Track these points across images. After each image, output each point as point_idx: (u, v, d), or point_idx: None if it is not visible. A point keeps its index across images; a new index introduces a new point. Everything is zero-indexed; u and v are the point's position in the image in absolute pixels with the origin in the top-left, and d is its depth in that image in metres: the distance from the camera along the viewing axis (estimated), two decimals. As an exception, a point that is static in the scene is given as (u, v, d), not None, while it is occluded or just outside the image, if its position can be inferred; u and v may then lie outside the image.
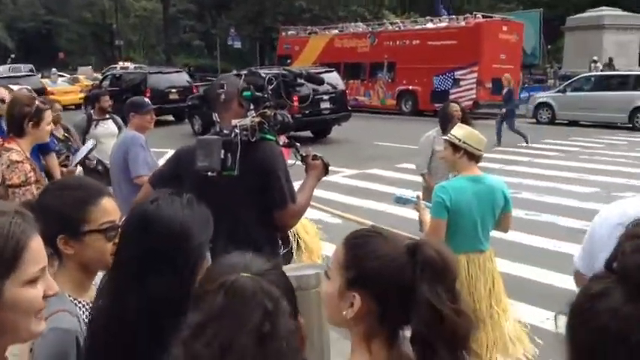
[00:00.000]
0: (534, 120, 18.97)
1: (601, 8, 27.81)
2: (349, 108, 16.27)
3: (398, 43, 22.44)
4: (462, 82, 20.44)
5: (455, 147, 3.28)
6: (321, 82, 3.11)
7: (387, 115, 22.07)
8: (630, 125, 16.66)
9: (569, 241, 6.50)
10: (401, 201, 3.64)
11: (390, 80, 22.75)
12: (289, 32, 27.39)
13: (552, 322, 0.87)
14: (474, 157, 3.31)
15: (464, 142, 3.26)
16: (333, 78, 15.01)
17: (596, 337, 0.76)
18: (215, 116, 2.62)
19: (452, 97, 20.18)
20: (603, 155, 12.62)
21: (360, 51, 23.42)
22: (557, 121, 18.41)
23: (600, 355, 0.76)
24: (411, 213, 4.27)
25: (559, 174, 10.60)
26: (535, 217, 7.75)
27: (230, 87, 2.59)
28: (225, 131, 2.47)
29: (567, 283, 5.16)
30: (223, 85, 2.61)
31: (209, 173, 2.40)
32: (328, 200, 8.41)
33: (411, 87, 21.90)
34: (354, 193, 9.40)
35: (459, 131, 3.33)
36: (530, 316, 4.25)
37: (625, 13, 27.62)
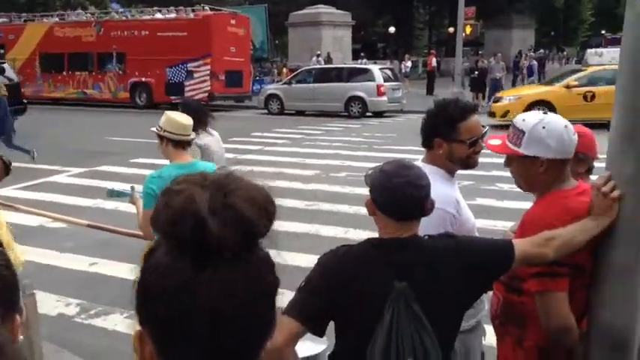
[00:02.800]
0: (266, 111, 20.02)
1: (318, 6, 30.45)
2: (24, 101, 15.11)
3: (126, 33, 21.60)
4: (195, 75, 20.55)
5: (160, 137, 3.26)
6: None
7: (121, 108, 21.15)
8: (346, 113, 18.64)
9: (292, 220, 7.07)
10: (114, 194, 3.51)
11: (120, 72, 21.82)
12: (0, 20, 24.42)
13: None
14: (180, 144, 3.27)
15: (164, 131, 3.24)
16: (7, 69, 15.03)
17: (143, 293, 0.81)
18: None
19: (187, 89, 20.26)
20: (323, 141, 13.91)
21: (85, 40, 22.00)
22: (286, 112, 19.68)
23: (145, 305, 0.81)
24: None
25: (286, 159, 11.38)
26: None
27: None
28: None
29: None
30: None
31: None
32: (50, 203, 7.76)
33: (144, 79, 21.31)
34: (80, 192, 8.80)
35: (161, 120, 3.29)
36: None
37: (338, 10, 30.68)
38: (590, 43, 39.14)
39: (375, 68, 19.45)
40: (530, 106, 13.82)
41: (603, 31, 50.13)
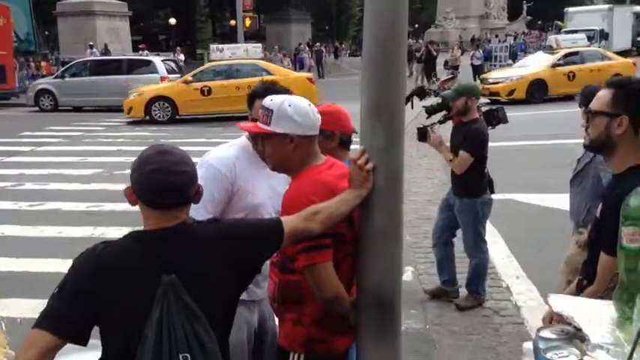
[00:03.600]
0: (37, 108, 18.24)
1: (89, -5, 28.43)
2: None
3: None
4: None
5: None
6: None
7: None
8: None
9: (70, 224, 6.56)
10: None
11: None
12: None
13: None
14: None
15: None
16: None
17: None
18: None
19: None
20: (105, 137, 13.12)
21: None
22: (60, 108, 18.14)
23: None
24: None
25: (63, 159, 10.49)
26: (38, 207, 7.48)
27: None
28: None
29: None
30: None
31: None
32: None
33: None
34: None
35: None
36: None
37: (113, 0, 28.99)
38: (360, 37, 42.43)
39: (157, 60, 18.81)
40: (151, 102, 15.19)
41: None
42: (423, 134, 4.48)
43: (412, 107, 4.05)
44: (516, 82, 16.96)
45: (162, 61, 18.74)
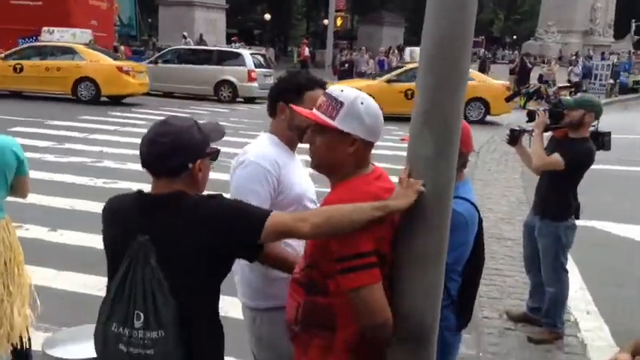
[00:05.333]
0: (131, 90, 19.02)
1: (190, -13, 29.44)
2: None
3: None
4: (51, 47, 19.01)
5: None
6: None
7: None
8: (216, 98, 18.18)
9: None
10: None
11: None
12: None
13: None
14: None
15: None
16: None
17: None
18: None
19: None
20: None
21: None
22: (152, 92, 18.78)
23: None
24: None
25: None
26: (112, 185, 7.70)
27: None
28: None
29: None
30: None
31: None
32: None
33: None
34: None
35: None
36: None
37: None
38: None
39: (246, 53, 19.13)
40: None
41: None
42: (515, 138, 4.17)
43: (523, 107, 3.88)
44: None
45: (251, 54, 19.02)
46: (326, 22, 32.98)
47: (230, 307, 2.92)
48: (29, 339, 3.20)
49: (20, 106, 14.61)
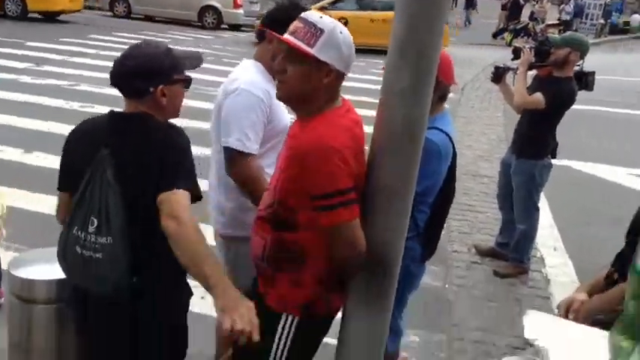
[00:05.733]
0: (111, 13, 18.40)
1: None
2: None
3: None
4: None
5: None
6: None
7: None
8: (200, 24, 17.67)
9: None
10: None
11: None
12: None
13: None
14: None
15: None
16: None
17: None
18: None
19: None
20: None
21: None
22: (133, 16, 18.22)
23: None
24: None
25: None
26: (89, 109, 7.57)
27: None
28: None
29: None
30: None
31: None
32: None
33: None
34: None
35: None
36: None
37: None
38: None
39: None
40: None
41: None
42: (499, 75, 4.14)
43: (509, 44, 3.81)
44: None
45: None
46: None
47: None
48: (-1, 258, 3.22)
49: (2, 26, 14.11)
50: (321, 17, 1.75)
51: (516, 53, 4.20)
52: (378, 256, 1.82)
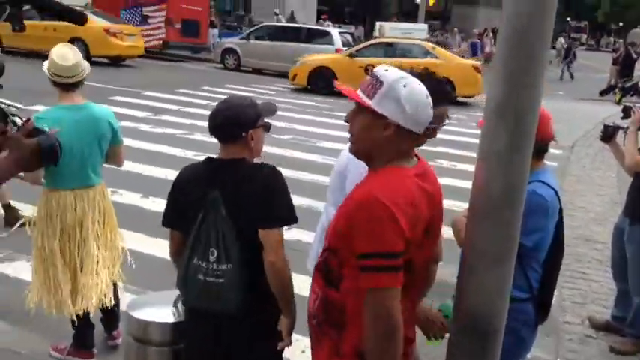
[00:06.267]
0: (222, 65, 19.48)
1: (285, -36, 29.61)
2: None
3: (80, -31, 20.53)
4: (150, 20, 19.78)
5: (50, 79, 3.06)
6: None
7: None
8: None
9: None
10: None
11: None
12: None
13: None
14: (67, 87, 3.06)
15: (52, 74, 3.05)
16: None
17: None
18: None
19: (142, 34, 19.53)
20: (273, 102, 13.62)
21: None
22: (242, 68, 19.19)
23: None
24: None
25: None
26: (202, 157, 7.96)
27: None
28: None
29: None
30: None
31: None
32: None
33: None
34: None
35: (47, 60, 3.06)
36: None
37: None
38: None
39: (334, 31, 19.06)
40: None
41: (568, 18, 50.78)
42: (609, 135, 3.96)
43: (618, 102, 3.67)
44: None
45: (340, 33, 18.95)
46: (418, 0, 32.26)
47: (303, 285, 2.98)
48: (118, 299, 3.41)
49: (117, 74, 15.36)
50: (386, 70, 1.72)
51: (626, 112, 4.02)
52: (481, 323, 1.76)
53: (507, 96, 1.66)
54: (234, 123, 2.18)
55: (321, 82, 15.17)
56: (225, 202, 2.10)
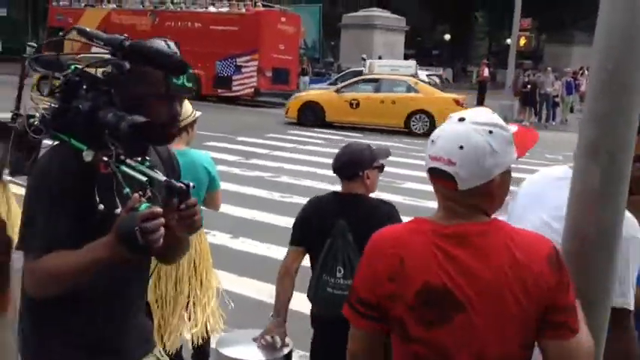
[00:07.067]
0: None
1: (372, 9, 30.27)
2: None
3: (180, 24, 21.97)
4: (243, 69, 20.74)
5: None
6: None
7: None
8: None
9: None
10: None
11: (172, 62, 22.23)
12: (61, 2, 25.32)
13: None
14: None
15: None
16: None
17: None
18: None
19: (234, 83, 20.50)
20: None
21: (139, 29, 22.36)
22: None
23: None
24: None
25: (318, 160, 11.20)
26: (289, 199, 8.16)
27: None
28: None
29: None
30: None
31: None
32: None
33: (194, 71, 21.51)
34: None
35: None
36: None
37: (393, 15, 30.43)
38: None
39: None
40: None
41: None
42: None
43: None
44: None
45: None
46: (509, 41, 31.83)
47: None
48: (209, 337, 3.52)
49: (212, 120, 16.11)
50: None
51: None
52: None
53: (601, 134, 1.63)
54: (354, 163, 2.66)
55: (310, 115, 16.20)
56: (351, 230, 2.55)
